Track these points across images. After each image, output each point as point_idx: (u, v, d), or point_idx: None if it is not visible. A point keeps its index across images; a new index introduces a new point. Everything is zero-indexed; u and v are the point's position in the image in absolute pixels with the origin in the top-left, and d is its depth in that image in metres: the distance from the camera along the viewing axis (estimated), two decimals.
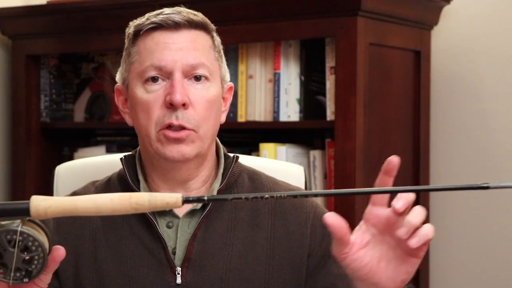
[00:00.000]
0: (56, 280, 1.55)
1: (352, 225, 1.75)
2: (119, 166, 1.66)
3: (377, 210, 1.24)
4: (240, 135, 2.85)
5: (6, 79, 3.24)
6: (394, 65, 2.70)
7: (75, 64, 3.25)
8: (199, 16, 1.58)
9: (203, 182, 1.59)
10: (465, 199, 2.83)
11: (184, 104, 1.51)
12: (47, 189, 1.85)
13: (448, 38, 2.85)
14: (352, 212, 2.48)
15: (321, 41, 2.64)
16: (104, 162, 1.88)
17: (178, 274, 1.52)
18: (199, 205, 1.56)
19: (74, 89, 3.26)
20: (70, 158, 3.10)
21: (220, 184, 1.58)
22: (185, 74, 1.53)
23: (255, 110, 2.74)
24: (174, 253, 1.54)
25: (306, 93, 2.69)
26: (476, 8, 2.81)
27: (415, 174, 2.77)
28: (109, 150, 3.08)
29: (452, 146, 2.85)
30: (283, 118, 2.69)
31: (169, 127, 1.52)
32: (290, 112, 2.69)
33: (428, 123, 2.82)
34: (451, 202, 2.85)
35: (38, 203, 1.16)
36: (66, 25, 3.04)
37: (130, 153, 1.65)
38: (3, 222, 1.18)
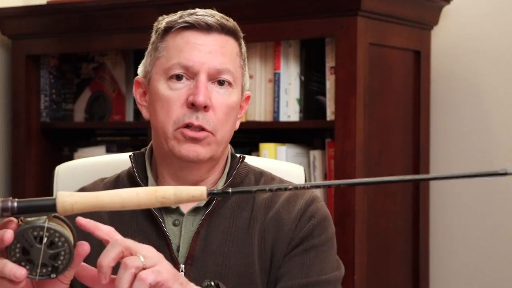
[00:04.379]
0: None
1: (353, 226, 1.77)
2: (119, 166, 1.66)
3: None
4: (240, 135, 2.83)
5: (6, 79, 3.24)
6: (394, 65, 2.70)
7: (75, 64, 3.25)
8: (230, 22, 1.59)
9: (213, 184, 1.60)
10: (465, 194, 2.83)
11: (205, 107, 1.52)
12: (47, 189, 1.85)
13: (448, 38, 2.85)
14: (352, 213, 2.48)
15: (321, 41, 2.64)
16: (104, 162, 1.88)
17: (182, 271, 1.52)
18: (203, 203, 1.56)
19: (74, 89, 3.26)
20: (70, 158, 3.10)
21: (224, 184, 1.59)
22: (210, 77, 1.54)
23: (255, 110, 2.74)
24: (178, 250, 1.54)
25: (306, 93, 2.69)
26: (476, 8, 2.81)
27: (415, 173, 2.76)
28: (109, 150, 3.08)
29: (452, 146, 2.85)
30: (283, 118, 2.69)
31: (188, 126, 1.52)
32: (290, 112, 2.69)
33: (428, 123, 2.82)
34: (451, 196, 2.85)
35: (64, 199, 1.17)
36: (66, 25, 3.04)
37: (140, 150, 1.65)
38: (29, 219, 1.19)
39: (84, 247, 1.23)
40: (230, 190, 1.18)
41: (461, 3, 2.82)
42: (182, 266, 1.53)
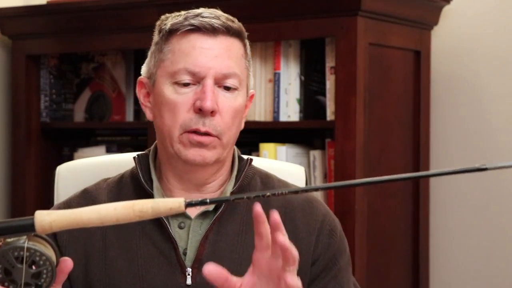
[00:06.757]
0: (67, 280, 1.55)
1: (353, 226, 1.76)
2: (120, 166, 1.66)
3: (260, 255, 1.30)
4: (240, 135, 2.82)
5: (6, 79, 3.24)
6: (394, 65, 2.70)
7: (75, 64, 3.25)
8: (236, 23, 1.57)
9: (219, 186, 1.59)
10: (465, 194, 2.83)
11: (212, 112, 1.51)
12: (47, 189, 1.85)
13: (448, 38, 2.85)
14: (352, 213, 2.48)
15: (321, 41, 2.64)
16: (104, 162, 1.88)
17: (189, 275, 1.51)
18: (212, 207, 1.55)
19: (74, 89, 3.26)
20: (70, 158, 3.10)
21: (233, 187, 1.58)
22: (216, 81, 1.53)
23: (255, 110, 2.74)
24: (185, 254, 1.53)
25: (306, 93, 2.69)
26: (476, 8, 2.81)
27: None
28: (109, 150, 3.08)
29: (452, 146, 2.85)
30: (283, 118, 2.69)
31: (195, 132, 1.51)
32: (290, 112, 2.69)
33: (428, 123, 2.82)
34: (451, 196, 2.85)
35: (42, 218, 1.17)
36: (66, 25, 3.04)
37: (144, 152, 1.63)
38: (9, 240, 1.20)
39: (67, 263, 1.24)
40: (207, 199, 1.19)
41: (461, 3, 2.82)
42: (189, 269, 1.52)
